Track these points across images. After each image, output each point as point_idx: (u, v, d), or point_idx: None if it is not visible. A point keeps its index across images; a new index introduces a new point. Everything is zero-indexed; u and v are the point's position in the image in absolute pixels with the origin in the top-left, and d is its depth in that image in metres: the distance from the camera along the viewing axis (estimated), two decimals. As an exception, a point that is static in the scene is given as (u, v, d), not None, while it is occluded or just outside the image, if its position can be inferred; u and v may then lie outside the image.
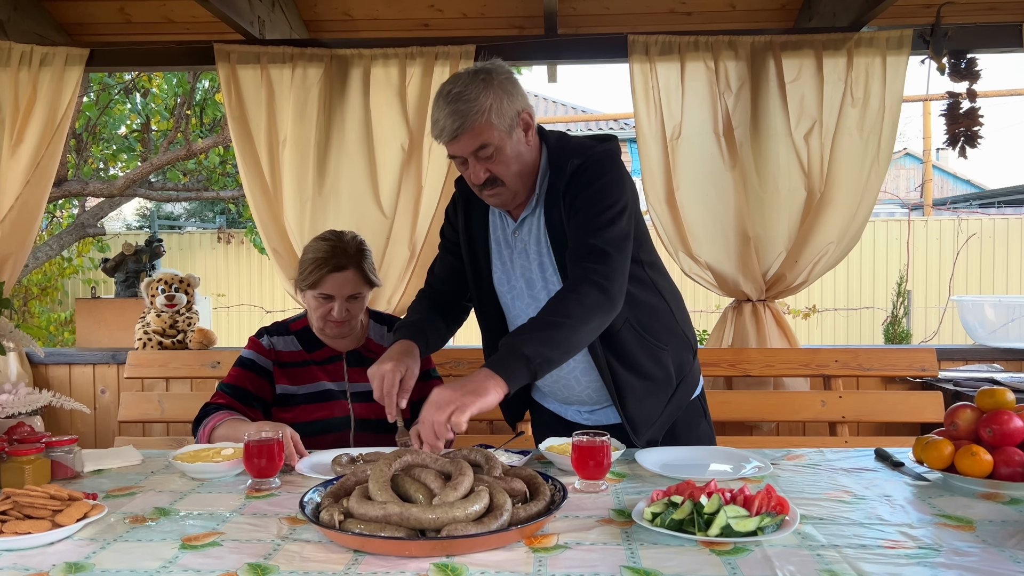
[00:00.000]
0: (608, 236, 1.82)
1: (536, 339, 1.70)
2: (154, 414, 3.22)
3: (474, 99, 1.76)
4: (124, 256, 3.86)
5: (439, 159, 3.30)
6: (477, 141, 1.79)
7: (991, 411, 1.73)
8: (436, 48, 3.26)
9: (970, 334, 3.57)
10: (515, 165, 1.85)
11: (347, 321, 2.25)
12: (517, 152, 1.85)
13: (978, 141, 3.16)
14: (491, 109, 1.77)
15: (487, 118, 1.77)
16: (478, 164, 1.83)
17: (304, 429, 2.19)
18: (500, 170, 1.84)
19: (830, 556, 1.31)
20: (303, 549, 1.37)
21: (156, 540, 1.43)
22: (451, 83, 1.81)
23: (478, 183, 1.86)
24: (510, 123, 1.82)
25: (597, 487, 1.70)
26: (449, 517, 1.33)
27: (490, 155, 1.81)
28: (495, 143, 1.80)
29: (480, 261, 2.05)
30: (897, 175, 20.02)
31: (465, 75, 1.81)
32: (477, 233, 2.05)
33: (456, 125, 1.77)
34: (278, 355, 2.31)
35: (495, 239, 2.04)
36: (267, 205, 3.37)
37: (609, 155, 1.91)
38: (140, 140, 6.89)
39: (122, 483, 1.81)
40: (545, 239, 1.93)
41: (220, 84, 3.38)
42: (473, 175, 1.85)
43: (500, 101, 1.79)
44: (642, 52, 3.22)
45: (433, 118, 1.82)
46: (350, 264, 2.23)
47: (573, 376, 2.05)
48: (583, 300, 1.76)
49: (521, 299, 2.00)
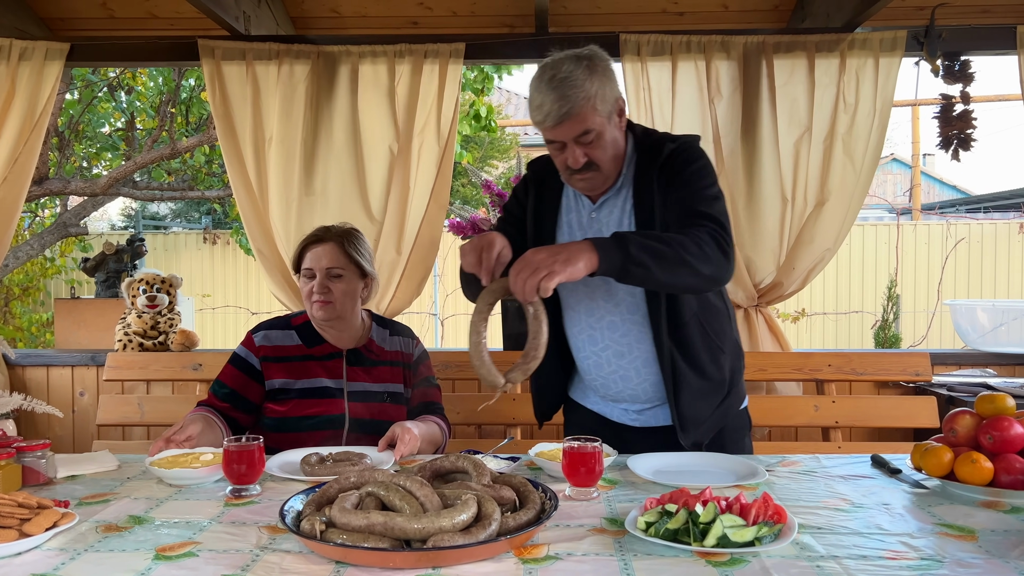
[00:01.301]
0: (719, 208, 1.88)
1: (644, 246, 1.70)
2: (134, 417, 3.14)
3: (580, 85, 1.77)
4: (105, 256, 3.79)
5: (429, 161, 3.25)
6: (581, 127, 1.81)
7: (991, 417, 1.70)
8: (425, 46, 3.21)
9: (962, 338, 3.55)
10: (611, 150, 1.88)
11: (330, 303, 2.21)
12: (613, 137, 1.88)
13: (971, 144, 3.13)
14: (596, 95, 1.79)
15: (592, 104, 1.79)
16: (578, 149, 1.84)
17: (298, 424, 2.19)
18: (598, 155, 1.86)
19: (830, 568, 1.26)
20: (283, 560, 1.32)
21: (129, 550, 1.37)
22: (553, 67, 1.80)
23: (575, 167, 1.87)
24: (610, 110, 1.84)
25: (588, 494, 1.65)
26: (435, 527, 1.28)
27: (591, 141, 1.83)
28: (597, 129, 1.82)
29: (545, 241, 2.03)
30: (885, 180, 20.12)
31: (568, 60, 1.80)
32: (546, 215, 2.06)
33: (564, 110, 1.77)
34: (273, 350, 2.27)
35: (566, 221, 2.05)
36: (252, 204, 3.31)
37: (699, 144, 1.98)
38: (124, 139, 6.80)
39: (96, 489, 1.76)
40: (630, 219, 1.95)
41: (204, 81, 3.32)
42: (571, 159, 1.86)
43: (603, 88, 1.81)
44: (634, 52, 3.18)
45: (535, 102, 1.82)
46: (330, 239, 2.26)
47: (633, 367, 2.01)
48: (702, 246, 1.76)
49: (589, 281, 1.91)
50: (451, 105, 3.23)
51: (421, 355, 2.40)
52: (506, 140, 12.73)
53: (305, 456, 1.90)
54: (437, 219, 3.31)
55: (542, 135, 1.88)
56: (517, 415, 3.09)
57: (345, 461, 1.87)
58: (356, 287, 2.28)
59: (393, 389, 2.30)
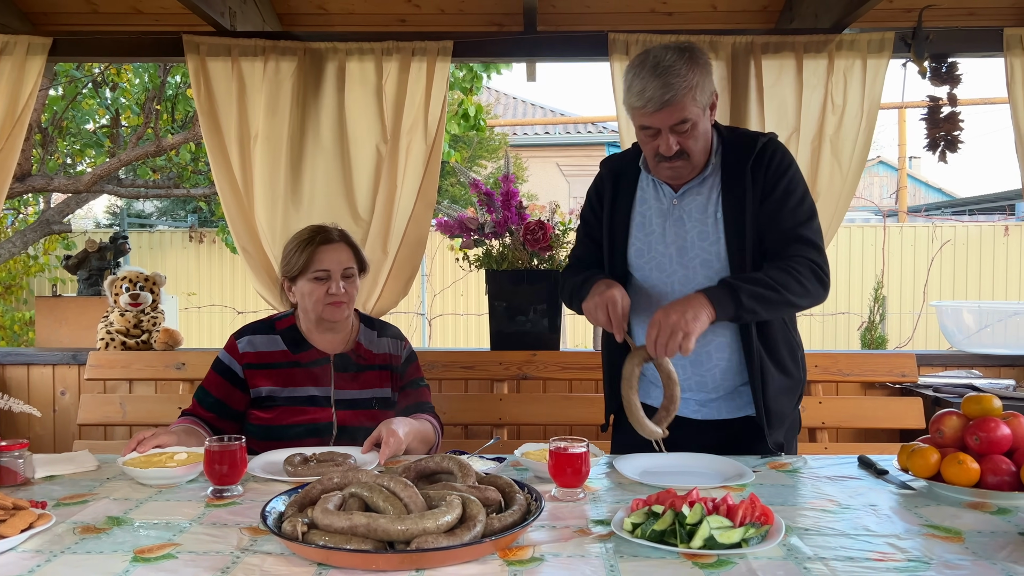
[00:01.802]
0: (815, 227, 1.99)
1: (753, 293, 1.83)
2: (115, 417, 3.10)
3: (684, 75, 1.84)
4: (87, 253, 3.74)
5: (416, 160, 3.22)
6: (680, 115, 1.86)
7: (977, 418, 1.70)
8: (413, 44, 3.19)
9: (948, 339, 3.56)
10: (702, 141, 1.95)
11: (345, 303, 2.20)
12: (705, 129, 1.95)
13: (958, 146, 3.14)
14: (697, 86, 1.86)
15: (692, 94, 1.85)
16: (672, 136, 1.90)
17: (284, 433, 2.15)
18: (691, 144, 1.92)
19: (817, 570, 1.26)
20: (264, 562, 1.30)
21: (107, 552, 1.35)
22: (656, 55, 1.86)
23: (668, 155, 1.92)
24: (707, 102, 1.91)
25: (575, 495, 1.64)
26: (419, 528, 1.26)
27: (686, 130, 1.89)
28: (693, 119, 1.88)
29: (618, 235, 2.11)
30: (871, 182, 20.24)
31: (671, 50, 1.87)
32: (622, 208, 2.12)
33: (667, 97, 1.83)
34: (257, 356, 2.23)
35: (640, 212, 2.10)
36: (238, 202, 3.27)
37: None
38: (109, 136, 6.73)
39: (75, 490, 1.73)
40: (716, 207, 2.00)
41: (189, 77, 3.28)
42: (663, 146, 1.91)
43: (703, 80, 1.88)
44: (623, 51, 3.17)
45: (635, 88, 1.87)
46: (338, 238, 2.23)
47: (705, 351, 2.02)
48: (803, 281, 1.89)
49: (665, 267, 2.04)
50: (439, 103, 3.21)
51: (409, 356, 2.35)
52: (495, 140, 12.72)
53: (288, 456, 1.87)
54: (424, 218, 3.29)
55: (635, 120, 1.94)
56: (504, 416, 3.07)
57: (329, 462, 1.85)
58: (358, 286, 2.27)
59: (382, 395, 2.27)
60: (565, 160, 15.62)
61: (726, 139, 2.05)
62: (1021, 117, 3.13)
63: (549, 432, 3.13)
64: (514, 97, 17.39)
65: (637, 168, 2.13)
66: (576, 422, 3.08)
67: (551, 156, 15.49)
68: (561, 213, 3.22)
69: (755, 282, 1.86)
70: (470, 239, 3.19)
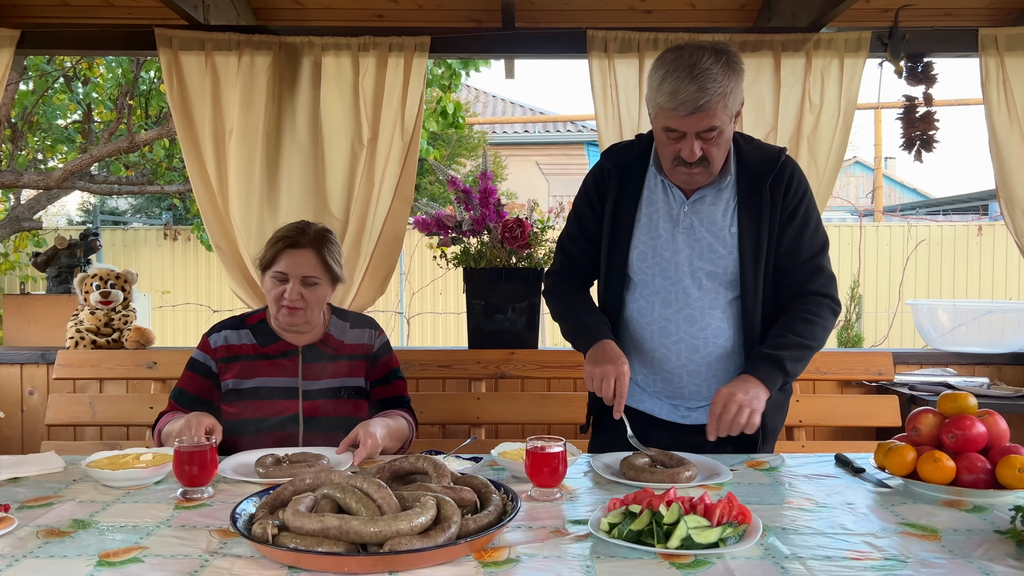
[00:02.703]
0: (828, 255, 2.02)
1: (793, 357, 1.88)
2: (85, 417, 3.04)
3: (720, 80, 1.79)
4: (56, 250, 3.67)
5: (393, 157, 3.19)
6: (710, 122, 1.82)
7: (953, 416, 1.70)
8: (390, 39, 3.15)
9: (924, 337, 3.58)
10: (724, 148, 1.92)
11: (300, 309, 2.14)
12: (729, 136, 1.91)
13: (934, 145, 3.16)
14: (730, 94, 1.81)
15: (725, 102, 1.81)
16: (697, 143, 1.85)
17: (250, 426, 2.12)
18: (714, 152, 1.88)
19: (795, 569, 1.25)
20: (233, 565, 1.27)
21: (71, 556, 1.31)
22: (693, 56, 1.80)
23: (690, 160, 1.87)
24: (735, 110, 1.87)
25: (552, 495, 1.62)
26: (392, 530, 1.24)
27: (712, 137, 1.85)
28: (720, 127, 1.84)
29: (621, 234, 2.05)
30: (847, 182, 20.45)
31: (708, 52, 1.81)
32: (627, 205, 2.05)
33: (701, 101, 1.78)
34: (228, 350, 2.21)
35: (647, 213, 2.04)
36: (211, 199, 3.22)
37: None
38: (80, 131, 6.62)
39: (40, 492, 1.68)
40: (732, 218, 1.97)
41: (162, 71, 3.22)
42: (686, 151, 1.86)
43: (737, 87, 1.84)
44: (601, 48, 3.16)
45: (668, 87, 1.81)
46: (308, 244, 2.16)
47: (706, 362, 2.01)
48: (826, 326, 1.95)
49: (671, 275, 2.00)
50: (416, 99, 3.18)
51: (383, 347, 2.32)
52: (474, 138, 12.67)
53: (260, 458, 1.84)
54: (402, 215, 3.26)
55: (660, 120, 1.87)
56: (481, 415, 3.05)
57: (302, 463, 1.82)
58: (327, 293, 2.22)
59: (353, 383, 2.24)
60: (544, 159, 15.62)
61: (743, 149, 2.00)
62: (995, 117, 3.15)
63: (527, 431, 3.11)
64: (493, 95, 17.36)
65: (644, 163, 2.06)
66: (554, 421, 3.06)
67: (530, 155, 15.48)
68: (540, 211, 3.21)
69: (791, 346, 1.88)
70: (448, 237, 3.17)
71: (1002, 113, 3.15)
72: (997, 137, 3.16)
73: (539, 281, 3.12)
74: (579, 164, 15.70)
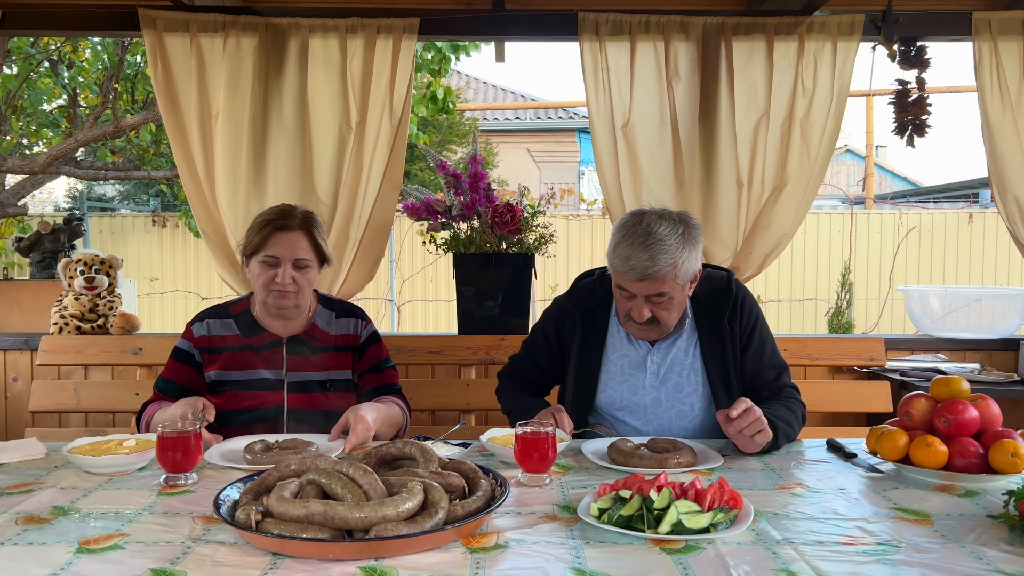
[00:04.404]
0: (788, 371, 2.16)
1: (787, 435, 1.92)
2: (70, 404, 3.00)
3: (672, 252, 1.91)
4: (40, 235, 3.62)
5: (382, 141, 3.15)
6: (659, 288, 1.94)
7: (946, 401, 1.69)
8: (378, 20, 3.10)
9: (915, 323, 3.58)
10: (676, 313, 2.03)
11: (293, 292, 2.11)
12: (681, 301, 2.02)
13: (926, 130, 3.14)
14: (681, 265, 1.93)
15: (675, 272, 1.93)
16: (646, 306, 1.97)
17: (234, 418, 2.09)
18: (664, 315, 2.00)
19: (786, 554, 1.23)
20: (216, 552, 1.24)
21: (50, 543, 1.29)
22: (651, 225, 1.93)
23: (639, 321, 2.00)
24: (687, 279, 1.99)
25: (541, 480, 1.60)
26: (378, 516, 1.22)
27: (662, 302, 1.97)
28: (669, 293, 1.96)
29: (588, 378, 2.15)
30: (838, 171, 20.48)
31: (667, 222, 1.93)
32: (592, 351, 2.16)
33: (651, 270, 1.90)
34: (210, 340, 2.18)
35: (612, 359, 2.15)
36: (197, 184, 3.17)
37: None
38: (66, 116, 6.53)
39: (21, 479, 1.66)
40: (695, 358, 2.11)
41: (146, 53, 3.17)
42: (636, 312, 1.99)
43: (690, 259, 1.96)
44: (592, 31, 3.12)
45: (622, 252, 1.93)
46: (297, 226, 2.12)
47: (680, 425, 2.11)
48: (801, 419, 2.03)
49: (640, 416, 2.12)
50: (404, 82, 3.14)
51: (370, 337, 2.28)
52: (465, 125, 12.60)
53: (248, 444, 1.81)
54: (390, 200, 3.22)
55: (614, 279, 2.01)
56: (471, 401, 3.03)
57: (291, 449, 1.79)
58: (316, 276, 2.19)
59: (338, 376, 2.21)
60: (536, 146, 15.56)
61: (698, 293, 2.11)
62: (988, 102, 3.13)
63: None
64: (484, 82, 17.27)
65: (607, 310, 2.17)
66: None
67: (521, 142, 15.42)
68: (531, 197, 3.17)
69: (787, 423, 1.94)
70: (437, 222, 3.13)
71: (995, 98, 3.13)
72: (990, 122, 3.14)
73: (530, 267, 3.09)
74: (570, 151, 15.65)
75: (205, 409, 1.88)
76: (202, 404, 1.89)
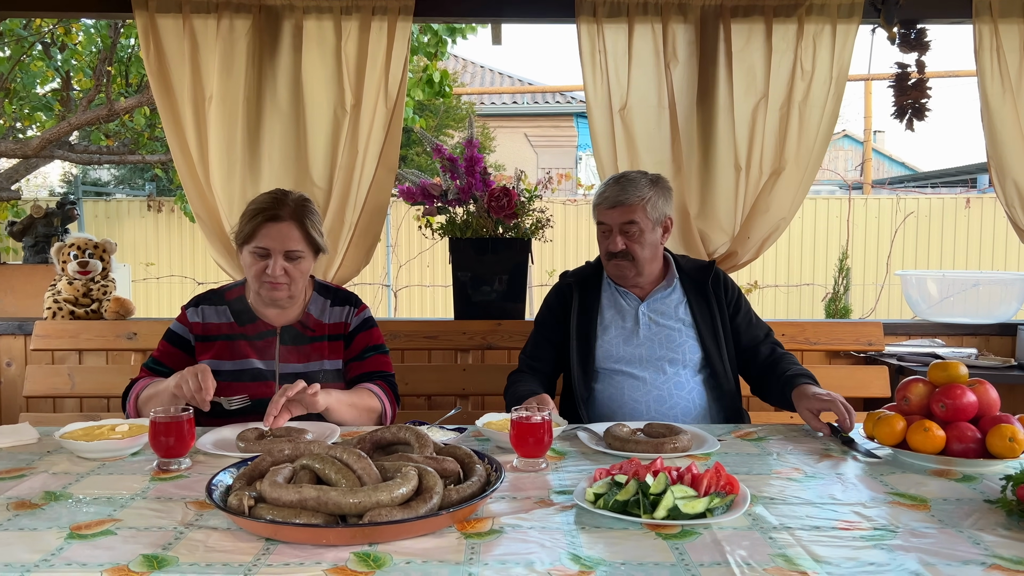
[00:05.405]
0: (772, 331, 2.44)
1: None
2: (64, 389, 2.99)
3: (642, 189, 2.25)
4: (33, 219, 3.59)
5: (377, 124, 3.12)
6: (629, 216, 2.23)
7: (944, 385, 1.68)
8: (373, 2, 3.06)
9: (912, 308, 3.57)
10: (648, 251, 2.28)
11: (286, 284, 2.08)
12: (653, 241, 2.29)
13: (926, 114, 3.12)
14: (648, 200, 2.25)
15: (643, 204, 2.24)
16: (620, 237, 2.25)
17: (223, 408, 2.05)
18: (636, 249, 2.26)
19: (783, 539, 1.23)
20: (208, 537, 1.23)
21: (41, 528, 1.28)
22: (626, 173, 2.32)
23: (613, 251, 2.26)
24: (658, 218, 2.28)
25: (537, 465, 1.60)
26: (372, 501, 1.21)
27: (633, 232, 2.24)
28: (640, 224, 2.24)
29: (587, 335, 2.33)
30: (836, 156, 20.43)
31: (641, 175, 2.30)
32: (588, 312, 2.36)
33: (620, 198, 2.24)
34: (204, 328, 2.16)
35: (607, 316, 2.35)
36: (191, 167, 3.14)
37: None
38: (59, 99, 6.47)
39: (12, 464, 1.65)
40: (686, 311, 2.33)
41: (138, 35, 3.13)
42: (611, 243, 2.27)
43: (658, 199, 2.27)
44: (590, 12, 3.09)
45: (599, 190, 2.31)
46: (289, 216, 2.07)
47: (671, 414, 2.20)
48: None
49: (637, 364, 2.26)
50: (400, 64, 3.10)
51: (361, 324, 2.24)
52: (461, 109, 12.53)
53: (242, 432, 1.80)
54: (386, 184, 3.20)
55: (595, 218, 2.33)
56: (467, 386, 3.02)
57: (284, 437, 1.78)
58: (311, 266, 2.15)
59: (332, 366, 2.19)
60: (533, 130, 15.48)
61: (681, 263, 2.42)
62: (988, 85, 3.11)
63: (514, 402, 3.08)
64: (481, 66, 17.16)
65: (599, 278, 2.41)
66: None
67: (519, 126, 15.34)
68: (527, 181, 3.15)
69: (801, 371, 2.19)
70: (433, 206, 3.11)
71: (995, 81, 3.11)
72: (989, 106, 3.12)
73: (526, 251, 3.08)
74: (568, 136, 15.58)
75: (203, 376, 1.84)
76: (201, 370, 1.84)
